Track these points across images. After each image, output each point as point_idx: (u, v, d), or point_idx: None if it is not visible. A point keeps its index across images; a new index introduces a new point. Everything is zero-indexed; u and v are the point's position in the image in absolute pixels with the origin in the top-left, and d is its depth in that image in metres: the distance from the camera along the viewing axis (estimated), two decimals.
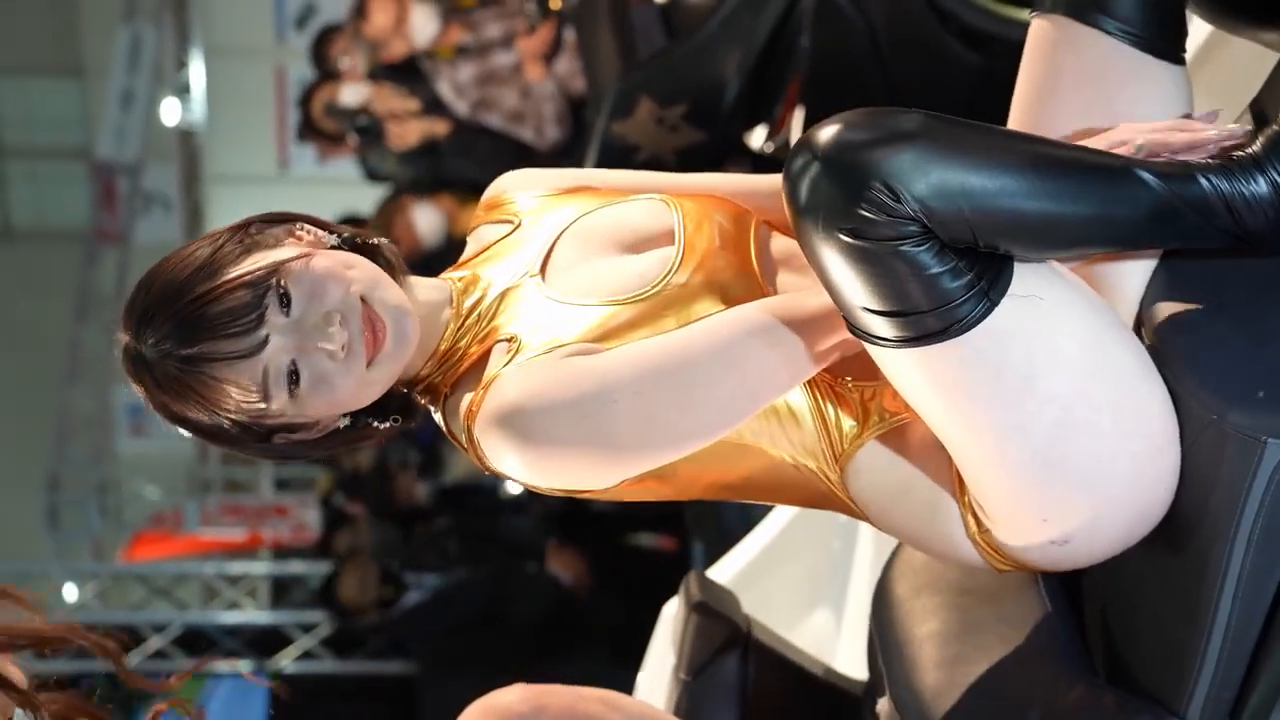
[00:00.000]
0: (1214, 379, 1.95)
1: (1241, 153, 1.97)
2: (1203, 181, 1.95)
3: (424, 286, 2.25)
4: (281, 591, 10.61)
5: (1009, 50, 4.51)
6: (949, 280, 1.88)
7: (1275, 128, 1.96)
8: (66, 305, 12.11)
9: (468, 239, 2.38)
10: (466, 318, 2.21)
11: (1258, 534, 1.95)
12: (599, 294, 2.17)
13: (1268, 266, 2.00)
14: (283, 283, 2.09)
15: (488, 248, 2.32)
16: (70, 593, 10.40)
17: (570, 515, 8.24)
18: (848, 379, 2.15)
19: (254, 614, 10.00)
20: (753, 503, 2.30)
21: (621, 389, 2.04)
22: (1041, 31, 2.18)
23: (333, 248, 2.20)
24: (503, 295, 2.22)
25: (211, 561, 10.60)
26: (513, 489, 8.64)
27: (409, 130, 7.82)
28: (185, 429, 2.17)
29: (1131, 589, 2.16)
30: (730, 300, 2.15)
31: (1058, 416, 1.96)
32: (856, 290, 1.90)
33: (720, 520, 5.78)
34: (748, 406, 2.10)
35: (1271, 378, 1.93)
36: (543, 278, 2.22)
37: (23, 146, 15.27)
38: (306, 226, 2.21)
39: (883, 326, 1.93)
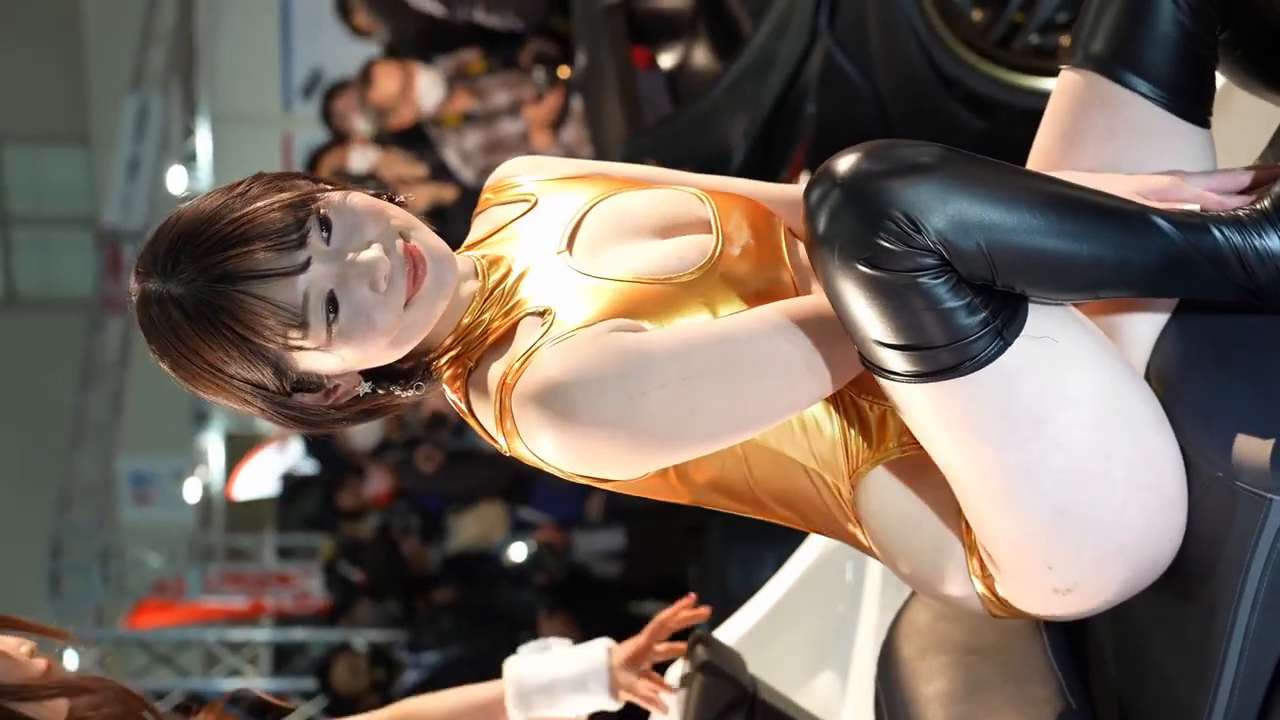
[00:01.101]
0: (1222, 435, 1.95)
1: (1254, 207, 1.98)
2: (1216, 233, 1.95)
3: None
4: (283, 659, 10.60)
5: (1014, 116, 4.59)
6: (964, 315, 1.88)
7: None
8: (71, 372, 12.13)
9: (474, 221, 2.32)
10: (491, 292, 2.15)
11: (1264, 591, 1.94)
12: (633, 271, 2.12)
13: (1277, 322, 2.01)
14: (323, 210, 2.02)
15: (503, 227, 2.26)
16: (71, 660, 10.37)
17: (572, 585, 8.24)
18: (869, 396, 2.12)
19: (255, 681, 9.98)
20: (767, 520, 2.25)
21: (668, 373, 1.99)
22: (1071, 84, 2.20)
23: None
24: (528, 271, 2.16)
25: (213, 629, 10.59)
26: (516, 557, 8.64)
27: (417, 196, 7.86)
28: (208, 385, 2.05)
29: (1137, 646, 2.15)
30: (766, 295, 2.12)
31: (1067, 461, 1.95)
32: (872, 323, 1.90)
33: (724, 583, 5.77)
34: (790, 402, 2.06)
35: (1278, 436, 1.92)
36: (570, 253, 2.17)
37: (29, 214, 15.35)
38: (327, 184, 2.12)
39: (896, 361, 1.92)
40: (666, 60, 5.45)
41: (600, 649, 2.78)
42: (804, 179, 4.54)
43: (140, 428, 12.62)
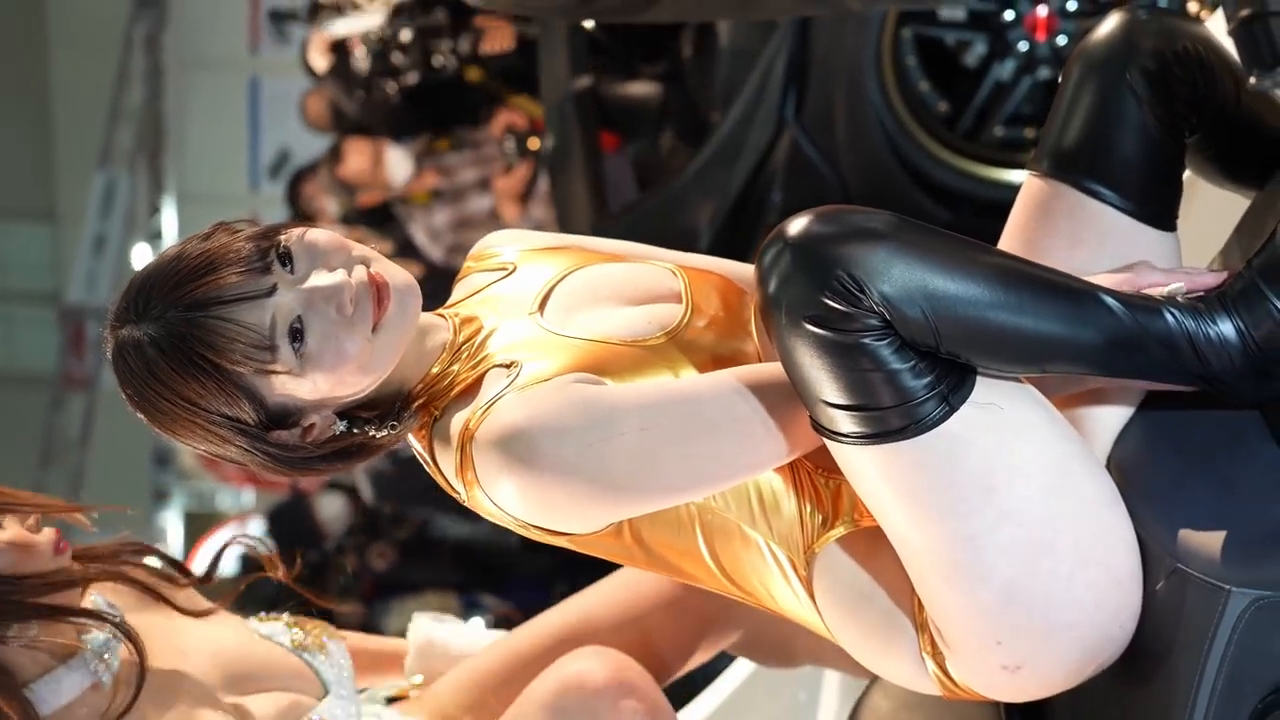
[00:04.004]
0: (1178, 524, 1.96)
1: (1211, 295, 1.99)
2: (1168, 316, 1.97)
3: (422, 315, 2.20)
4: None
5: (979, 208, 4.62)
6: (910, 378, 1.90)
7: (1244, 275, 1.98)
8: (31, 450, 12.06)
9: (455, 286, 2.36)
10: (461, 346, 2.18)
11: (1222, 682, 1.95)
12: (601, 333, 2.16)
13: (1238, 416, 2.02)
14: (285, 243, 2.06)
15: (480, 290, 2.30)
16: None
17: None
18: (824, 472, 2.13)
19: None
20: (723, 595, 2.25)
21: (628, 423, 2.01)
22: (1037, 190, 2.23)
23: None
24: (498, 329, 2.20)
25: None
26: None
27: None
28: (186, 425, 2.07)
29: None
30: (728, 363, 2.15)
31: (1013, 533, 1.96)
32: (820, 383, 1.92)
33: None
34: (748, 462, 2.09)
35: (1236, 527, 1.94)
36: (541, 314, 2.21)
37: None
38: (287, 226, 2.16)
39: (845, 421, 1.94)
40: (634, 145, 5.48)
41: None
42: None
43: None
